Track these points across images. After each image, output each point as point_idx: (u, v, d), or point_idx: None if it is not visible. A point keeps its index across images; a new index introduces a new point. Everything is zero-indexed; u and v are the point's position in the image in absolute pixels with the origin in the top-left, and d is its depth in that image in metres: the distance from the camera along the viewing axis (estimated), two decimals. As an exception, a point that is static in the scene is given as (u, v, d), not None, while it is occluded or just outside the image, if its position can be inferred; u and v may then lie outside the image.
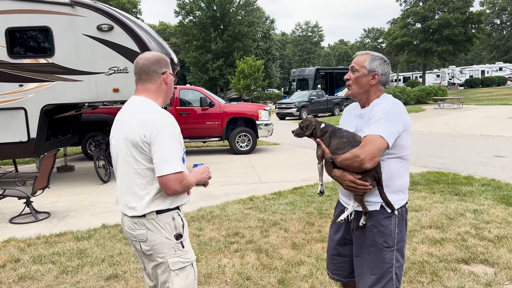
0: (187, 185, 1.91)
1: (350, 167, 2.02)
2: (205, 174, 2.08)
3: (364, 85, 2.16)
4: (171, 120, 1.97)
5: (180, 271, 1.99)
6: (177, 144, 1.94)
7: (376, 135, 1.99)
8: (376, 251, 2.07)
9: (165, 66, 2.05)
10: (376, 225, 2.08)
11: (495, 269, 3.47)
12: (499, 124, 16.05)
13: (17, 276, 3.75)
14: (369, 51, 2.23)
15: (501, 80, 50.13)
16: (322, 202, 5.80)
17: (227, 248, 4.20)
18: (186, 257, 2.01)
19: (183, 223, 2.02)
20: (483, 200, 5.54)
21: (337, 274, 2.33)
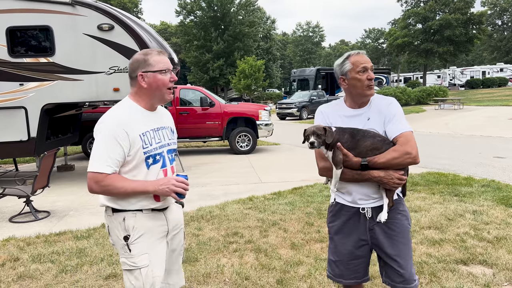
0: (107, 187, 1.90)
1: (399, 165, 2.08)
2: (164, 186, 1.93)
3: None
4: (111, 119, 1.94)
5: (128, 272, 2.01)
6: (111, 144, 1.90)
7: (409, 131, 2.12)
8: (405, 234, 2.22)
9: (138, 68, 1.99)
10: (399, 211, 2.21)
11: (494, 270, 3.46)
12: (500, 125, 16.05)
13: (16, 275, 3.75)
14: (360, 51, 2.26)
15: (502, 81, 50.10)
16: (321, 202, 5.80)
17: (226, 248, 4.20)
18: (132, 261, 1.99)
19: (134, 226, 1.99)
20: (483, 201, 5.54)
21: (355, 277, 2.30)
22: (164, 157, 2.06)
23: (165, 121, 2.16)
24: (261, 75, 36.48)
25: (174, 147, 2.18)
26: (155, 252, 2.03)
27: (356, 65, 2.17)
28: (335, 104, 2.33)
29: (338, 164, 2.11)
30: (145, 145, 1.97)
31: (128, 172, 1.98)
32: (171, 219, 2.15)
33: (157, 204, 2.03)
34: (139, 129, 1.97)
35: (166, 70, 2.00)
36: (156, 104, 2.09)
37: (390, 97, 2.25)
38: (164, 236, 2.11)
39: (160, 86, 1.99)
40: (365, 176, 2.11)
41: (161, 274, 2.06)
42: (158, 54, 2.04)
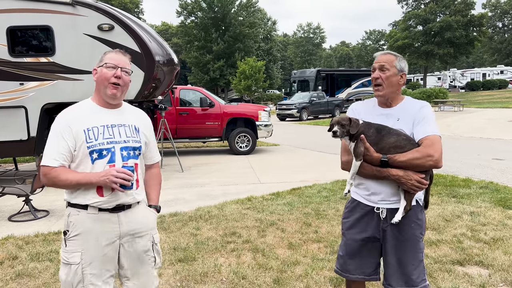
0: (53, 179, 2.01)
1: (420, 166, 2.06)
2: (105, 177, 1.97)
3: (394, 84, 2.19)
4: (60, 116, 2.08)
5: (63, 265, 2.10)
6: (57, 139, 2.02)
7: (437, 135, 2.10)
8: (414, 243, 2.21)
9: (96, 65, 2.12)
10: (415, 220, 2.21)
11: (490, 271, 3.48)
12: (499, 127, 16.07)
13: (15, 273, 3.77)
14: (389, 51, 2.26)
15: (502, 83, 50.12)
16: (319, 203, 5.82)
17: (223, 248, 4.22)
18: (66, 256, 2.06)
19: (74, 224, 2.06)
20: (480, 203, 5.56)
21: (363, 273, 2.32)
22: (113, 153, 2.07)
23: (127, 120, 2.18)
24: (261, 76, 36.51)
25: (135, 145, 2.16)
26: (92, 252, 2.06)
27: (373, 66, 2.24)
28: (368, 102, 2.36)
29: (358, 156, 2.14)
30: (89, 139, 2.03)
31: (76, 167, 2.06)
32: (129, 222, 2.13)
33: (101, 199, 2.04)
34: (85, 124, 2.05)
35: (112, 66, 2.07)
36: (106, 99, 2.11)
37: (422, 101, 2.25)
38: (115, 238, 2.10)
39: (103, 79, 2.06)
40: (384, 173, 2.12)
41: (95, 272, 2.07)
42: (115, 52, 2.14)
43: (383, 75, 2.17)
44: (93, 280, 2.06)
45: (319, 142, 13.26)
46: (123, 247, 2.14)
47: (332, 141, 2.20)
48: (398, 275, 2.20)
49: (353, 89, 31.43)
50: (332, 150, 11.19)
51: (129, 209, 2.14)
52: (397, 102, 2.24)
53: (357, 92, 30.77)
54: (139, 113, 2.29)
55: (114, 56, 2.11)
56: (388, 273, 2.25)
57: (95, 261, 2.06)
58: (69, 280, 2.06)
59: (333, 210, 5.42)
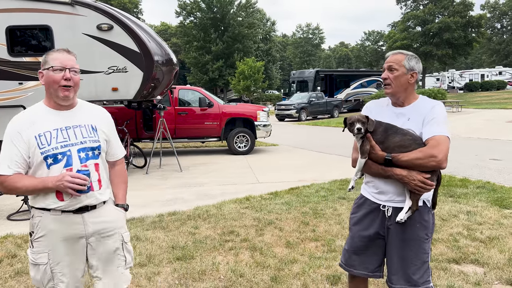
0: (10, 188, 2.00)
1: (423, 166, 2.06)
2: (59, 182, 1.94)
3: (403, 83, 2.20)
4: (10, 122, 2.03)
5: (31, 265, 2.11)
6: (9, 147, 1.98)
7: (444, 135, 2.08)
8: (418, 244, 2.20)
9: (41, 67, 2.04)
10: (420, 220, 2.19)
11: (485, 269, 3.51)
12: (497, 127, 16.12)
13: (14, 271, 3.79)
14: (401, 50, 2.29)
15: (501, 84, 50.23)
16: (317, 202, 5.85)
17: (221, 246, 4.24)
18: (34, 257, 2.07)
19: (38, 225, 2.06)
20: (477, 202, 5.59)
21: (365, 269, 2.35)
22: (69, 156, 2.03)
23: (82, 120, 2.13)
24: (260, 76, 36.57)
25: (93, 145, 2.12)
26: (57, 252, 2.06)
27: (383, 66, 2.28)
28: (381, 101, 2.39)
29: (363, 153, 2.17)
30: (42, 145, 1.99)
31: (33, 174, 2.04)
32: (95, 222, 2.12)
33: (60, 204, 2.03)
34: (36, 130, 2.00)
35: (57, 67, 1.99)
36: (58, 102, 2.06)
37: (435, 101, 2.24)
38: (80, 238, 2.10)
39: (51, 83, 2.00)
40: (388, 172, 2.14)
41: (64, 271, 2.08)
42: (59, 51, 2.05)
43: (391, 75, 2.20)
44: (63, 279, 2.09)
45: (317, 142, 13.29)
46: (90, 247, 2.13)
47: (330, 141, 2.23)
48: (401, 274, 2.21)
49: (352, 89, 31.46)
50: (331, 150, 11.24)
51: (94, 209, 2.12)
52: (410, 101, 2.24)
53: (356, 93, 30.81)
54: (95, 111, 2.24)
55: (60, 56, 2.02)
56: (390, 271, 2.28)
57: (63, 260, 2.08)
58: (38, 279, 2.09)
59: (330, 209, 5.45)
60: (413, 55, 2.25)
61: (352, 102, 29.91)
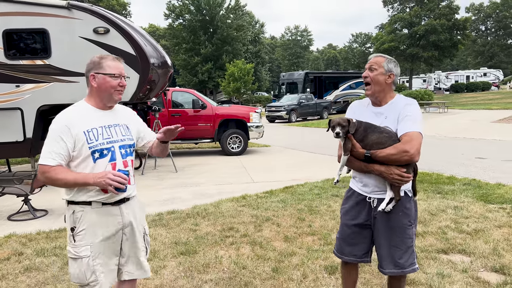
0: (51, 178, 2.10)
1: (397, 161, 2.26)
2: (101, 179, 2.08)
3: (381, 83, 2.40)
4: (58, 118, 2.18)
5: (72, 260, 2.21)
6: (53, 140, 2.12)
7: (417, 131, 2.28)
8: (402, 230, 2.41)
9: (92, 69, 2.22)
10: (402, 209, 2.40)
11: (471, 258, 3.76)
12: (482, 127, 16.56)
13: (23, 267, 3.92)
14: (383, 54, 2.51)
15: (485, 86, 51.25)
16: (312, 200, 6.06)
17: (223, 241, 4.43)
18: (75, 250, 2.18)
19: (80, 219, 2.17)
20: (464, 198, 5.86)
21: (353, 255, 2.58)
22: (113, 152, 2.21)
23: (119, 119, 2.32)
24: (250, 78, 36.77)
25: (129, 142, 2.32)
26: (99, 244, 2.20)
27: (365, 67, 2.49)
28: (363, 101, 2.59)
29: (346, 151, 2.39)
30: (90, 140, 2.15)
31: (77, 166, 2.17)
32: (129, 213, 2.31)
33: (105, 196, 2.19)
34: (84, 126, 2.16)
35: (116, 75, 2.21)
36: (107, 103, 2.26)
37: (409, 98, 2.44)
38: (119, 228, 2.27)
39: (108, 88, 2.20)
40: (369, 168, 2.36)
41: (101, 262, 2.21)
42: (113, 60, 2.24)
43: (371, 74, 2.41)
44: (103, 269, 2.22)
45: (308, 143, 13.53)
46: (125, 237, 2.31)
47: (321, 142, 2.44)
48: (389, 259, 2.44)
49: (340, 91, 31.86)
50: (322, 150, 11.47)
51: (128, 201, 2.31)
52: (387, 101, 2.45)
53: (344, 94, 31.21)
54: (126, 111, 2.44)
55: (116, 65, 2.23)
56: (380, 257, 2.50)
57: (103, 252, 2.22)
58: (81, 273, 2.18)
59: (325, 206, 5.66)
60: (393, 59, 2.47)
61: (341, 104, 30.29)
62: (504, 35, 72.95)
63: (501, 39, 73.08)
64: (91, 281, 2.18)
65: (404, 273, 2.46)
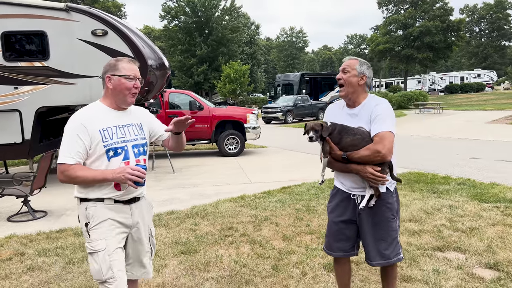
0: (71, 176, 2.15)
1: (371, 161, 2.36)
2: (121, 174, 2.11)
3: (354, 85, 2.50)
4: (74, 116, 2.23)
5: (90, 256, 2.25)
6: (71, 139, 2.16)
7: (388, 131, 2.37)
8: (386, 223, 2.52)
9: (108, 71, 2.25)
10: (385, 204, 2.51)
11: (466, 255, 3.85)
12: (476, 128, 16.73)
13: (25, 267, 3.97)
14: (356, 57, 2.60)
15: (480, 86, 51.71)
16: (309, 200, 6.14)
17: (222, 241, 4.49)
18: (92, 245, 2.22)
19: (93, 215, 2.22)
20: (458, 197, 5.96)
21: (341, 250, 2.68)
22: (126, 151, 2.26)
23: (133, 119, 2.38)
24: (246, 79, 36.87)
25: (142, 142, 2.38)
26: (112, 239, 2.23)
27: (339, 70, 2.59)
28: (339, 103, 2.69)
29: (325, 153, 2.50)
30: (105, 139, 2.20)
31: (91, 164, 2.22)
32: (138, 213, 2.36)
33: (118, 193, 2.25)
34: (100, 124, 2.21)
35: (131, 77, 2.25)
36: (121, 105, 2.31)
37: (380, 99, 2.52)
38: (127, 228, 2.32)
39: (123, 89, 2.25)
40: (348, 168, 2.47)
41: (118, 258, 2.23)
42: (128, 62, 2.29)
43: (344, 76, 2.51)
44: (120, 266, 2.23)
45: (304, 144, 13.54)
46: (130, 236, 2.36)
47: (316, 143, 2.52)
48: (375, 252, 2.55)
49: (336, 92, 31.93)
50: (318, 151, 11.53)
51: (138, 201, 2.37)
52: (360, 102, 2.54)
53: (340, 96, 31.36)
54: (139, 111, 2.50)
55: (131, 67, 2.27)
56: (366, 250, 2.61)
57: (117, 248, 2.25)
58: (98, 268, 2.19)
59: (322, 206, 5.74)
60: (365, 62, 2.58)
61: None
62: (498, 37, 73.57)
63: (494, 41, 73.69)
64: (108, 278, 2.19)
65: (390, 264, 2.57)
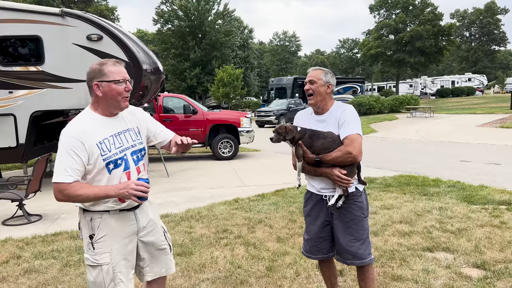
0: (70, 195, 2.02)
1: (343, 162, 2.50)
2: (124, 190, 2.03)
3: (322, 93, 2.64)
4: (68, 130, 2.08)
5: (90, 268, 2.18)
6: (69, 155, 2.03)
7: (356, 133, 2.52)
8: (357, 222, 2.62)
9: (95, 77, 2.10)
10: (355, 203, 2.62)
11: (455, 255, 3.97)
12: (467, 132, 16.96)
13: (22, 270, 4.01)
14: (319, 67, 2.75)
15: (470, 90, 52.28)
16: (302, 202, 6.22)
17: (217, 243, 4.57)
18: (95, 258, 2.15)
19: (99, 226, 2.15)
20: (448, 199, 6.10)
21: (320, 253, 2.77)
22: (126, 160, 2.18)
23: (127, 124, 2.26)
24: (239, 83, 37.01)
25: (140, 146, 2.28)
26: (118, 251, 2.18)
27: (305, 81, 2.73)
28: (307, 110, 2.82)
29: (298, 157, 2.61)
30: (103, 152, 2.10)
31: (92, 179, 2.12)
32: (143, 217, 2.32)
33: (122, 205, 2.19)
34: (96, 138, 2.09)
35: (121, 80, 2.11)
36: (114, 111, 2.19)
37: (346, 105, 2.68)
38: (134, 234, 2.27)
39: (115, 95, 2.11)
40: (318, 171, 2.59)
41: (122, 270, 2.20)
42: (114, 64, 2.13)
43: (312, 87, 2.64)
44: (122, 278, 2.20)
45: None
46: (141, 242, 2.31)
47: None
48: (347, 251, 2.64)
49: (328, 96, 32.21)
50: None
51: (141, 206, 2.30)
52: (327, 109, 2.68)
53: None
54: (133, 112, 2.35)
55: (119, 69, 2.13)
56: (339, 250, 2.71)
57: (122, 259, 2.20)
58: (99, 281, 2.15)
59: (315, 208, 5.84)
60: (329, 71, 2.73)
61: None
62: (488, 41, 74.59)
63: (484, 45, 74.70)
64: None
65: (363, 264, 2.66)
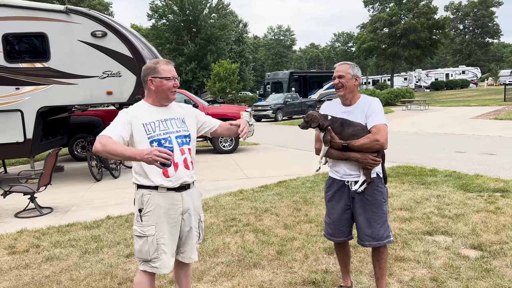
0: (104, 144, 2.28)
1: (369, 149, 2.74)
2: (148, 156, 2.17)
3: (350, 86, 2.86)
4: (125, 111, 2.54)
5: (138, 238, 2.51)
6: (119, 124, 2.44)
7: (382, 123, 2.77)
8: (378, 206, 2.85)
9: (149, 74, 2.52)
10: (376, 187, 2.85)
11: (453, 238, 4.22)
12: (462, 123, 17.28)
13: (43, 257, 4.21)
14: (346, 61, 2.98)
15: (464, 83, 52.73)
16: (305, 192, 6.47)
17: (227, 230, 4.80)
18: (142, 229, 2.48)
19: (148, 202, 2.47)
20: (445, 188, 6.35)
21: (342, 236, 3.01)
22: (170, 141, 2.50)
23: (175, 114, 2.62)
24: (235, 78, 37.11)
25: (185, 133, 2.60)
26: (163, 225, 2.48)
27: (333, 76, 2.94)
28: (334, 101, 3.04)
29: (326, 142, 2.85)
30: (148, 132, 2.47)
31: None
32: (189, 200, 2.57)
33: (166, 180, 2.47)
34: (143, 119, 2.48)
35: (171, 78, 2.51)
36: (164, 103, 2.59)
37: (372, 98, 2.92)
38: (178, 214, 2.53)
39: (165, 89, 2.53)
40: (346, 155, 2.82)
41: (166, 242, 2.48)
42: (166, 64, 2.55)
43: (342, 80, 2.86)
44: (165, 249, 2.49)
45: (295, 140, 13.95)
46: (183, 221, 2.57)
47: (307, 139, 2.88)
48: (368, 233, 2.87)
49: (324, 90, 32.54)
50: (309, 147, 11.85)
51: (188, 188, 2.59)
52: (355, 101, 2.91)
53: (328, 93, 31.84)
54: (181, 106, 2.75)
55: (169, 68, 2.54)
56: (359, 232, 2.93)
57: (166, 233, 2.50)
58: (146, 250, 2.47)
59: (318, 197, 6.07)
60: (355, 64, 2.94)
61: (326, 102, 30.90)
62: (482, 34, 74.97)
63: (478, 38, 75.08)
64: (153, 258, 2.48)
65: (380, 245, 2.88)
